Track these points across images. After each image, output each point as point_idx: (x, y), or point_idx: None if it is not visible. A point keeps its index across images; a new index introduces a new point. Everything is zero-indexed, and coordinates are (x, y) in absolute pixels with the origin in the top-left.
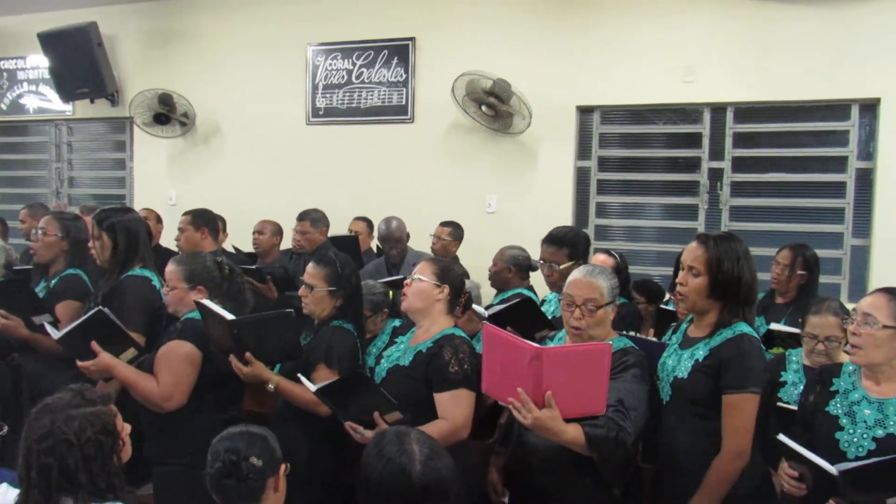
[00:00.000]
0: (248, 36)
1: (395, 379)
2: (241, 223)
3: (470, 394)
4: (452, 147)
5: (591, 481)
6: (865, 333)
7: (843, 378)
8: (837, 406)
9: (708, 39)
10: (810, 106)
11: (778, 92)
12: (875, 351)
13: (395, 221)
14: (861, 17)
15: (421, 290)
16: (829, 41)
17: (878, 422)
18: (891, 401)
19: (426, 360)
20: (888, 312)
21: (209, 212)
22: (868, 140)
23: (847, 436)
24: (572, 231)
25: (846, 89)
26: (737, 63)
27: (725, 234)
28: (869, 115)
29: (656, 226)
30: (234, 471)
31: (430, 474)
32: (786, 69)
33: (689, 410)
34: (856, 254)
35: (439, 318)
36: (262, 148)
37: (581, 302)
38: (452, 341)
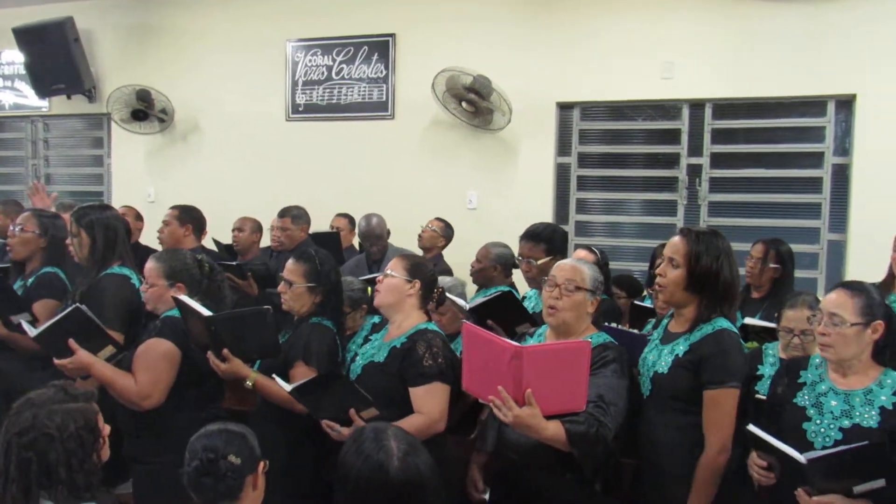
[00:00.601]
0: (227, 31)
1: (370, 375)
2: (220, 220)
3: (445, 387)
4: (433, 143)
5: (572, 477)
6: (834, 333)
7: (811, 370)
8: (805, 397)
9: (686, 36)
10: (787, 102)
11: (755, 88)
12: (845, 348)
13: (375, 218)
14: (837, 14)
15: (392, 285)
16: (805, 38)
17: (844, 412)
18: (856, 392)
19: (400, 356)
20: (853, 310)
21: (197, 210)
22: (844, 136)
23: (814, 426)
24: (550, 227)
25: (822, 86)
26: (715, 60)
27: (709, 231)
28: (845, 111)
29: (636, 221)
30: (212, 469)
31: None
32: (763, 66)
33: (669, 405)
34: (832, 248)
35: (412, 312)
36: (242, 144)
37: (561, 281)
38: (425, 335)
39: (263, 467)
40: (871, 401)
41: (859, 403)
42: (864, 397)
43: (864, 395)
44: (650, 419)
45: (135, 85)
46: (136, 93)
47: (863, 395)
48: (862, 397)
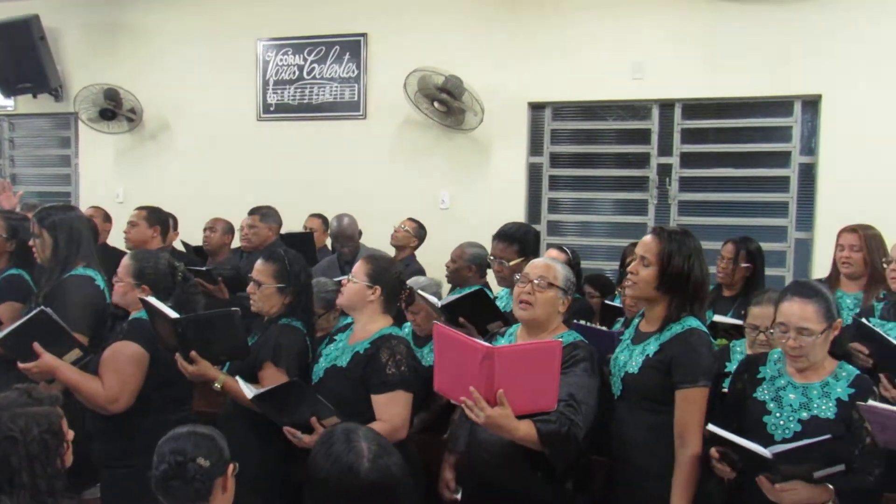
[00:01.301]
0: (197, 30)
1: (331, 379)
2: (190, 221)
3: (407, 395)
4: (405, 143)
5: (544, 476)
6: (807, 344)
7: (770, 366)
8: (765, 392)
9: (656, 37)
10: (755, 102)
11: (724, 89)
12: (817, 354)
13: (346, 219)
14: (803, 16)
15: (353, 290)
16: (772, 39)
17: (802, 405)
18: (814, 385)
19: (363, 362)
20: (817, 319)
21: (163, 210)
22: (810, 136)
23: (774, 419)
24: (522, 228)
25: (789, 86)
26: (684, 60)
27: (681, 230)
28: (811, 111)
29: (607, 221)
30: (181, 472)
31: (379, 472)
32: (731, 67)
33: (640, 405)
34: (799, 246)
35: (375, 317)
36: (213, 144)
37: (534, 278)
38: (389, 342)
39: (233, 470)
40: (827, 393)
41: (817, 396)
42: (821, 390)
43: (821, 387)
44: (621, 419)
45: (102, 84)
46: (104, 92)
47: (820, 388)
48: (819, 390)
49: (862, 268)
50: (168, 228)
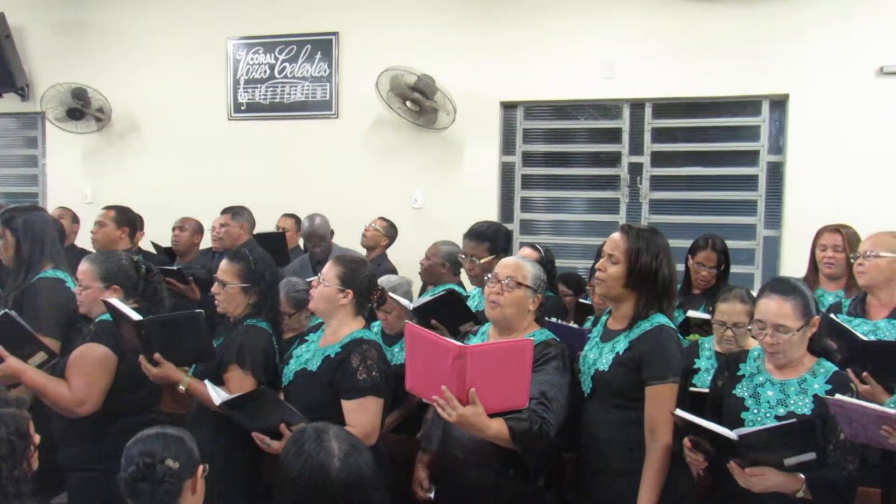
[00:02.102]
0: (166, 28)
1: (301, 383)
2: (161, 222)
3: (378, 401)
4: (378, 142)
5: (516, 473)
6: (783, 341)
7: (749, 363)
8: (743, 389)
9: (627, 37)
10: (724, 102)
11: (693, 88)
12: (793, 351)
13: (318, 218)
14: (770, 17)
15: (324, 294)
16: (740, 40)
17: (779, 401)
18: (791, 381)
19: (334, 366)
20: (794, 316)
21: (132, 211)
22: (778, 135)
23: (752, 415)
24: (493, 226)
25: (757, 86)
26: (654, 60)
27: (649, 228)
28: (778, 110)
29: (580, 219)
30: (149, 474)
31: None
32: (700, 67)
33: (610, 402)
34: (768, 244)
35: (346, 320)
36: (183, 144)
37: (503, 277)
38: (360, 346)
39: (203, 471)
40: (805, 389)
41: (794, 392)
42: (798, 386)
43: (798, 384)
44: (591, 416)
45: (70, 83)
46: (72, 91)
47: (797, 384)
48: (797, 386)
49: (844, 268)
50: (136, 229)
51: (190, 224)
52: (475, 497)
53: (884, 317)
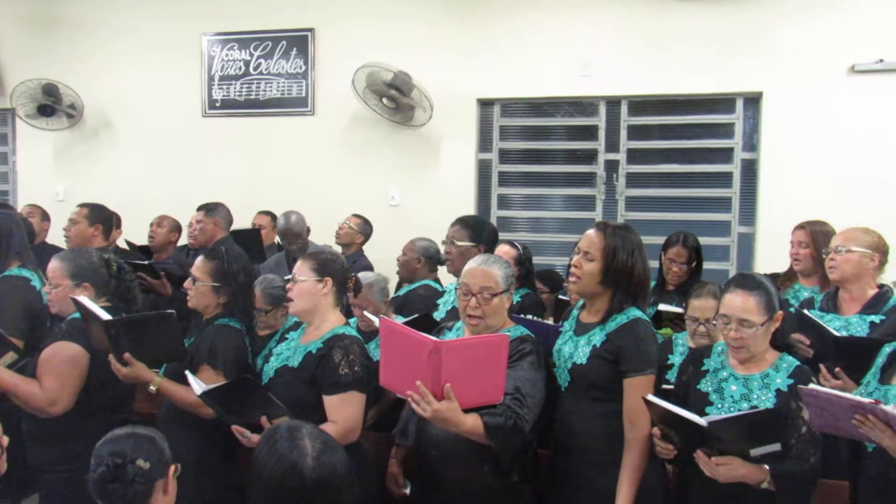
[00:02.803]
0: (139, 23)
1: (283, 379)
2: (135, 220)
3: (360, 396)
4: (354, 140)
5: (490, 469)
6: (747, 336)
7: (713, 358)
8: (708, 384)
9: (603, 35)
10: (699, 99)
11: (669, 86)
12: (757, 345)
13: (294, 216)
14: (745, 14)
15: (304, 290)
16: (715, 38)
17: (743, 396)
18: (755, 376)
19: (315, 362)
20: (758, 311)
21: (107, 209)
22: (752, 132)
23: (716, 410)
24: (481, 220)
25: (731, 84)
26: (630, 58)
27: (623, 226)
28: (753, 108)
29: (557, 216)
30: (119, 474)
31: (323, 470)
32: (676, 64)
33: (587, 394)
34: (742, 241)
35: (328, 314)
36: (157, 141)
37: (477, 290)
38: (342, 342)
39: (174, 471)
40: (767, 384)
41: (757, 387)
42: (761, 381)
43: (761, 378)
44: (569, 409)
45: (41, 79)
46: (43, 87)
47: (760, 379)
48: (760, 381)
49: (811, 264)
50: (111, 227)
51: (167, 221)
52: (450, 493)
53: (855, 312)
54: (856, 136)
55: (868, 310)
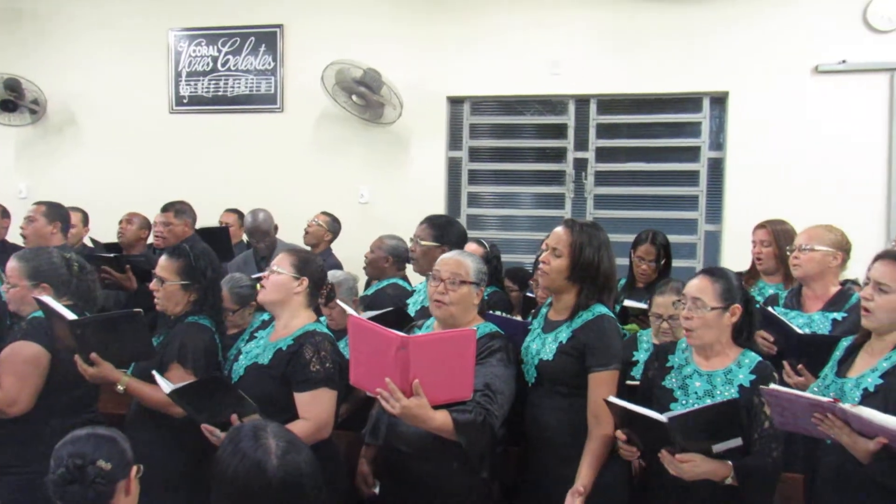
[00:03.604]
0: (105, 18)
1: (253, 377)
2: (101, 217)
3: (332, 393)
4: (323, 137)
5: (459, 466)
6: (697, 317)
7: (678, 354)
8: (672, 380)
9: (572, 34)
10: (666, 99)
11: (637, 85)
12: (707, 332)
13: (262, 213)
14: (711, 14)
15: (279, 282)
16: (683, 38)
17: (707, 392)
18: (718, 372)
19: (286, 359)
20: (714, 295)
21: (63, 207)
22: (718, 131)
23: (680, 406)
24: (448, 219)
25: (698, 83)
26: (599, 57)
27: (590, 223)
28: (719, 107)
29: (527, 214)
30: (80, 476)
31: (288, 469)
32: (644, 63)
33: (554, 390)
34: (709, 239)
35: (299, 311)
36: (123, 137)
37: (446, 276)
38: (313, 338)
39: (137, 472)
40: (730, 380)
41: (720, 383)
42: (724, 377)
43: (724, 374)
44: (536, 404)
45: (3, 73)
46: (4, 82)
47: (723, 375)
48: (723, 377)
49: (774, 262)
50: (69, 225)
51: (137, 218)
52: (420, 490)
53: (818, 309)
54: (819, 136)
55: (830, 307)
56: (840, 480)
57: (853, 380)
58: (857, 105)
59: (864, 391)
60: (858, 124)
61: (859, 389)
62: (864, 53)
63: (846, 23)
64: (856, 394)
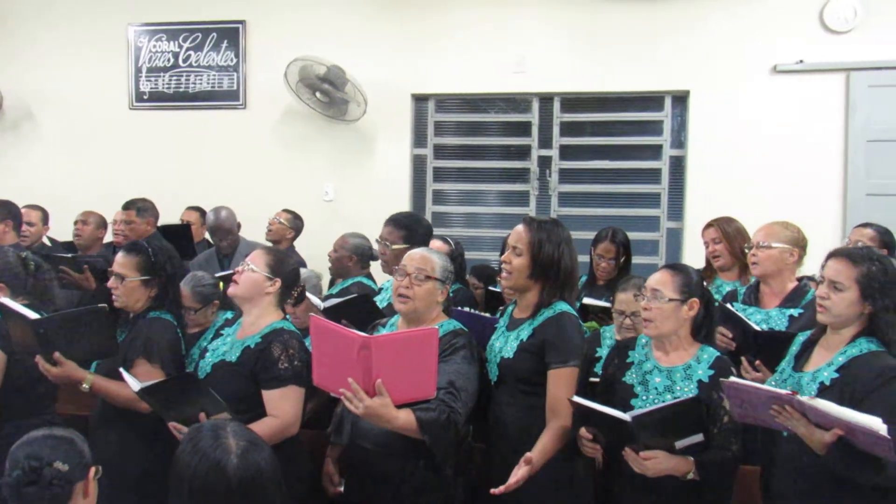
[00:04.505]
0: (62, 13)
1: (220, 375)
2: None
3: (299, 390)
4: (287, 134)
5: (424, 464)
6: (655, 308)
7: (638, 350)
8: (633, 376)
9: (536, 32)
10: (629, 97)
11: (600, 83)
12: (664, 323)
13: (224, 211)
14: (674, 14)
15: (252, 280)
16: (644, 36)
17: (666, 388)
18: (677, 368)
19: (254, 356)
20: (673, 287)
21: (14, 204)
22: (680, 130)
23: (640, 402)
24: (414, 217)
25: (660, 82)
26: (562, 55)
27: (550, 220)
28: (680, 106)
29: (492, 212)
30: (36, 477)
31: (248, 468)
32: (607, 62)
33: (516, 388)
34: (671, 236)
35: (268, 309)
36: (82, 134)
37: (412, 271)
38: (281, 336)
39: (95, 473)
40: (689, 375)
41: (680, 378)
42: (683, 372)
43: (683, 370)
44: (498, 402)
45: None
46: None
47: (683, 371)
48: (682, 372)
49: (729, 259)
50: (21, 223)
51: (93, 218)
52: (385, 488)
53: (775, 305)
54: (778, 134)
55: (787, 303)
56: (796, 471)
57: (809, 374)
58: (814, 104)
59: (821, 385)
60: (815, 123)
61: (815, 383)
62: (820, 54)
63: (803, 23)
64: (812, 387)
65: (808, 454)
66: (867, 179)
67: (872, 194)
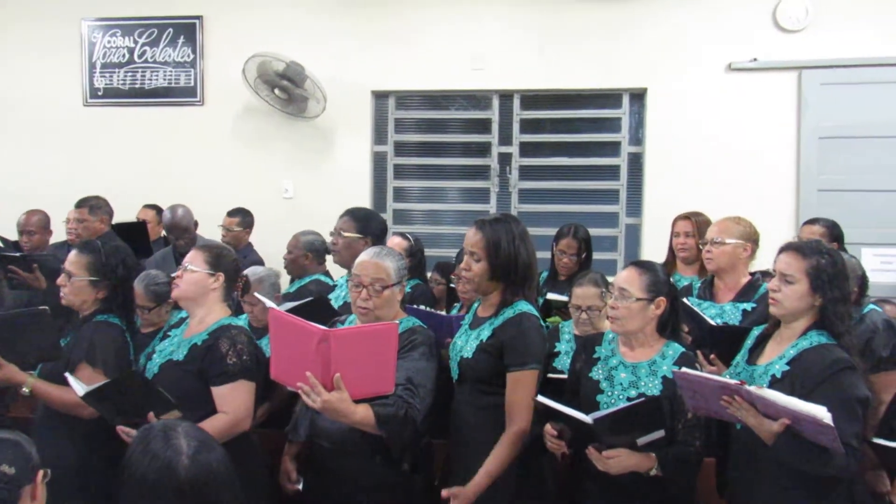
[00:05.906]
0: (13, 8)
1: (168, 375)
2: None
3: (249, 384)
4: (246, 131)
5: (382, 459)
6: (622, 307)
7: (604, 346)
8: (599, 371)
9: (495, 29)
10: (587, 94)
11: (559, 81)
12: (630, 321)
13: (180, 209)
14: (631, 12)
15: (194, 279)
16: (602, 34)
17: (631, 383)
18: (642, 364)
19: (202, 353)
20: (640, 286)
21: None
22: (637, 127)
23: (606, 398)
24: (371, 212)
25: (618, 79)
26: (522, 53)
27: (501, 217)
28: (638, 103)
29: (453, 209)
30: None
31: (199, 468)
32: (566, 60)
33: (475, 388)
34: (629, 232)
35: (214, 307)
36: (34, 131)
37: (368, 283)
38: (229, 332)
39: (43, 476)
40: (654, 371)
41: (645, 374)
42: (648, 368)
43: (648, 366)
44: (459, 401)
45: None
46: None
47: (648, 367)
48: (647, 368)
49: (696, 252)
50: None
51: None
52: (343, 485)
53: (729, 300)
54: (733, 131)
55: (741, 298)
56: (749, 463)
57: (762, 367)
58: (768, 102)
59: (773, 377)
60: (769, 120)
61: (768, 376)
62: (773, 52)
63: (757, 22)
64: (764, 380)
65: (760, 446)
66: (819, 176)
67: (824, 190)
